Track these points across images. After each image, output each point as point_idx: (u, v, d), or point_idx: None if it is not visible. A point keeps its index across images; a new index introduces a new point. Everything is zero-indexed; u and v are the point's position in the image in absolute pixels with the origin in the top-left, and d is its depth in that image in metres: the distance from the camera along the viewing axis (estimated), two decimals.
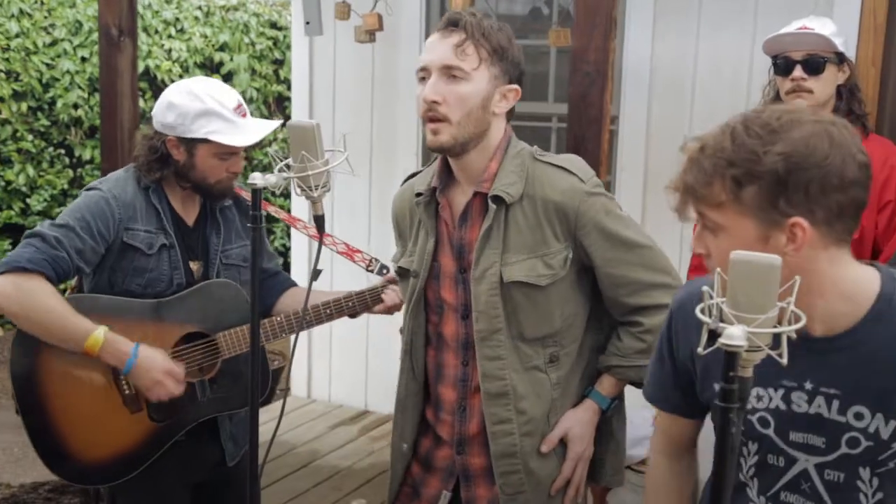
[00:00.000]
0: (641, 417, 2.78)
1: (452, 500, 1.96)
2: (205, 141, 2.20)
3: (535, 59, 4.51)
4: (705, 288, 1.17)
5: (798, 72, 2.57)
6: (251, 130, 2.22)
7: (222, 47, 7.11)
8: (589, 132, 2.86)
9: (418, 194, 1.94)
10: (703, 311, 1.16)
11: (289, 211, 5.10)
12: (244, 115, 2.24)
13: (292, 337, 5.19)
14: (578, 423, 1.91)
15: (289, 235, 6.40)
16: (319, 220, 1.68)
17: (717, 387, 1.42)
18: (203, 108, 2.19)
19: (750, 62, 3.69)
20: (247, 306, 2.29)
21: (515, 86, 1.85)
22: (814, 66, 2.56)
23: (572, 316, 1.90)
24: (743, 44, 3.70)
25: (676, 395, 1.57)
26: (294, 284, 2.59)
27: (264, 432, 4.65)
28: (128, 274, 2.23)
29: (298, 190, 1.62)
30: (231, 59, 7.10)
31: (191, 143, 2.22)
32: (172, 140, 2.24)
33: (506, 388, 1.86)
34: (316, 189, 1.60)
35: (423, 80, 1.81)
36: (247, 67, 7.18)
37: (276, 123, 2.29)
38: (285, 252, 6.55)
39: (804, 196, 1.23)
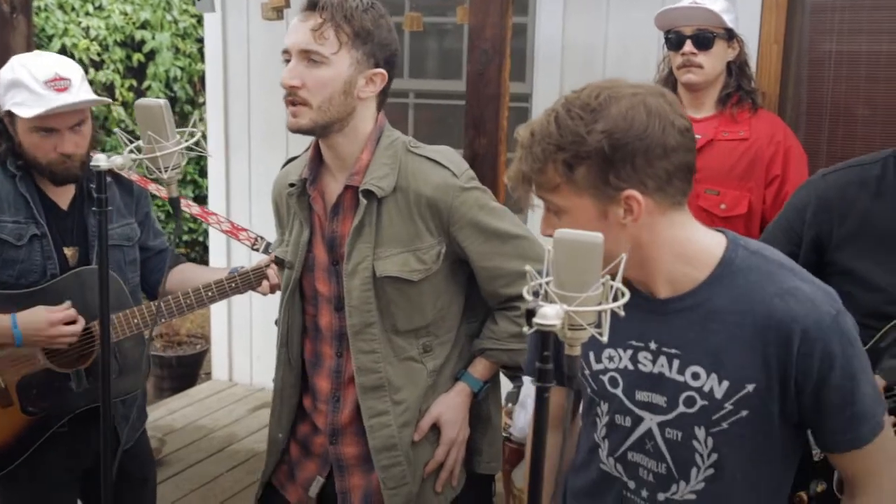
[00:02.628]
0: None
1: (325, 487, 1.94)
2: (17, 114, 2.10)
3: (453, 36, 4.48)
4: (528, 268, 1.17)
5: (688, 46, 2.60)
6: (57, 103, 2.08)
7: (144, 25, 6.93)
8: (487, 110, 2.86)
9: (291, 184, 1.91)
10: (528, 292, 1.16)
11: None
12: (62, 90, 2.09)
13: (213, 323, 5.11)
14: (449, 407, 1.90)
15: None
16: (174, 203, 1.63)
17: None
18: (11, 79, 2.10)
19: (659, 40, 3.67)
20: (123, 292, 2.23)
21: (382, 70, 1.79)
22: (703, 41, 2.59)
23: (446, 307, 1.89)
24: (652, 21, 3.70)
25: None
26: (182, 261, 2.53)
27: (179, 418, 4.58)
28: None
29: (149, 172, 1.57)
30: (153, 38, 6.93)
31: (11, 117, 2.13)
32: (3, 113, 2.15)
33: (381, 380, 1.85)
34: (166, 171, 1.55)
35: (287, 62, 1.77)
36: (170, 46, 7.01)
37: (86, 98, 2.14)
38: (205, 237, 6.45)
39: (632, 169, 1.26)
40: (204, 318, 5.47)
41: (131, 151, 1.57)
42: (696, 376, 1.35)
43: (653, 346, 1.38)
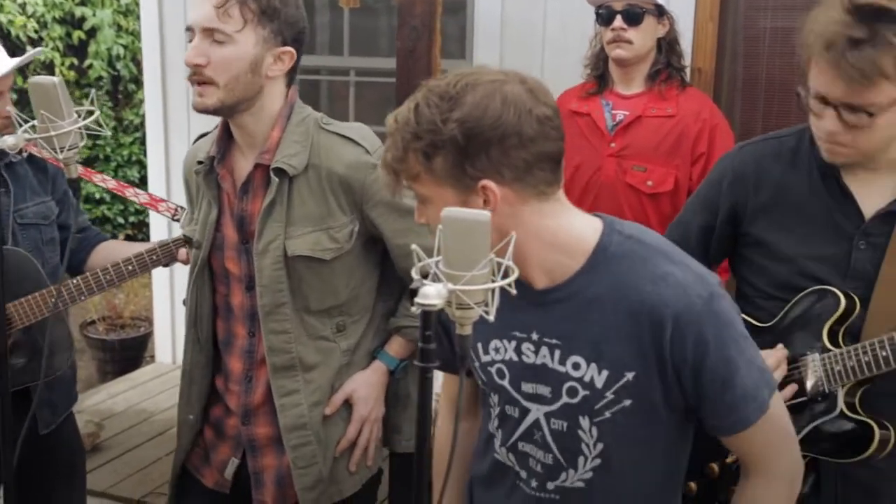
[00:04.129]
0: None
1: (240, 469, 1.93)
2: None
3: (395, 13, 4.43)
4: (414, 247, 1.15)
5: (618, 21, 2.60)
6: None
7: (84, 1, 6.78)
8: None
9: (199, 162, 1.87)
10: (417, 272, 1.15)
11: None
12: None
13: (155, 305, 5.02)
14: (363, 384, 1.89)
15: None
16: (73, 184, 1.59)
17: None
18: None
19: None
20: (39, 274, 2.18)
21: (290, 48, 1.76)
22: (633, 16, 2.58)
23: (359, 286, 1.88)
24: None
25: (450, 354, 1.56)
26: (104, 239, 2.48)
27: (120, 402, 4.49)
28: None
29: (47, 152, 1.53)
30: (94, 14, 6.78)
31: None
32: None
33: (292, 360, 1.83)
34: (62, 151, 1.51)
35: (192, 39, 1.74)
36: (111, 23, 6.87)
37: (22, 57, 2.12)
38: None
39: (487, 158, 1.24)
40: (148, 300, 5.39)
41: (25, 131, 1.53)
42: (576, 366, 1.34)
43: (535, 336, 1.38)
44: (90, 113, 1.57)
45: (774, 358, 1.66)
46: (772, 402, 1.35)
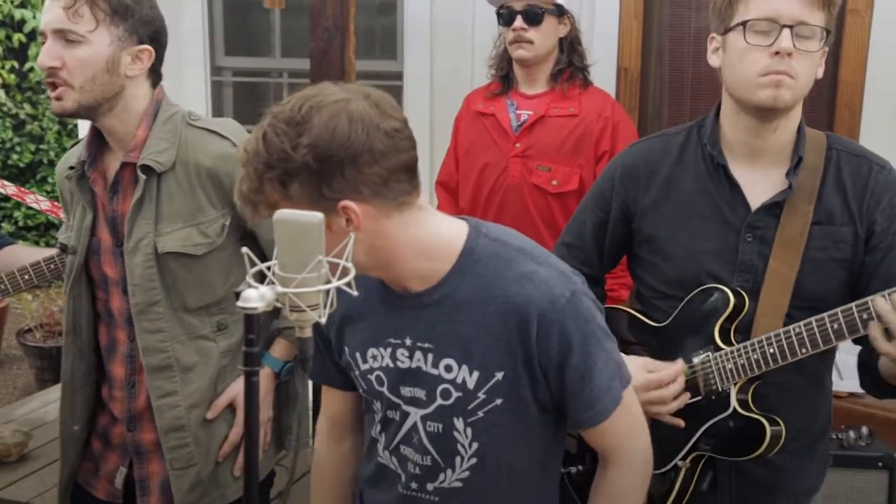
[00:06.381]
0: None
1: (129, 477, 1.91)
2: None
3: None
4: (244, 250, 1.15)
5: (518, 22, 2.61)
6: None
7: (23, 3, 6.68)
8: None
9: (70, 168, 1.85)
10: (250, 276, 1.14)
11: None
12: None
13: None
14: None
15: None
16: None
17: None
18: None
19: None
20: None
21: (147, 46, 1.76)
22: (533, 16, 2.60)
23: (238, 283, 1.85)
24: None
25: (331, 367, 1.55)
26: (11, 243, 2.45)
27: (52, 410, 4.39)
28: None
29: None
30: (34, 17, 6.68)
31: None
32: None
33: (169, 360, 1.82)
34: None
35: (45, 43, 1.72)
36: None
37: None
38: None
39: (342, 179, 1.23)
40: None
41: None
42: (448, 368, 1.36)
43: (408, 341, 1.39)
44: None
45: (672, 371, 1.65)
46: (624, 393, 1.38)
